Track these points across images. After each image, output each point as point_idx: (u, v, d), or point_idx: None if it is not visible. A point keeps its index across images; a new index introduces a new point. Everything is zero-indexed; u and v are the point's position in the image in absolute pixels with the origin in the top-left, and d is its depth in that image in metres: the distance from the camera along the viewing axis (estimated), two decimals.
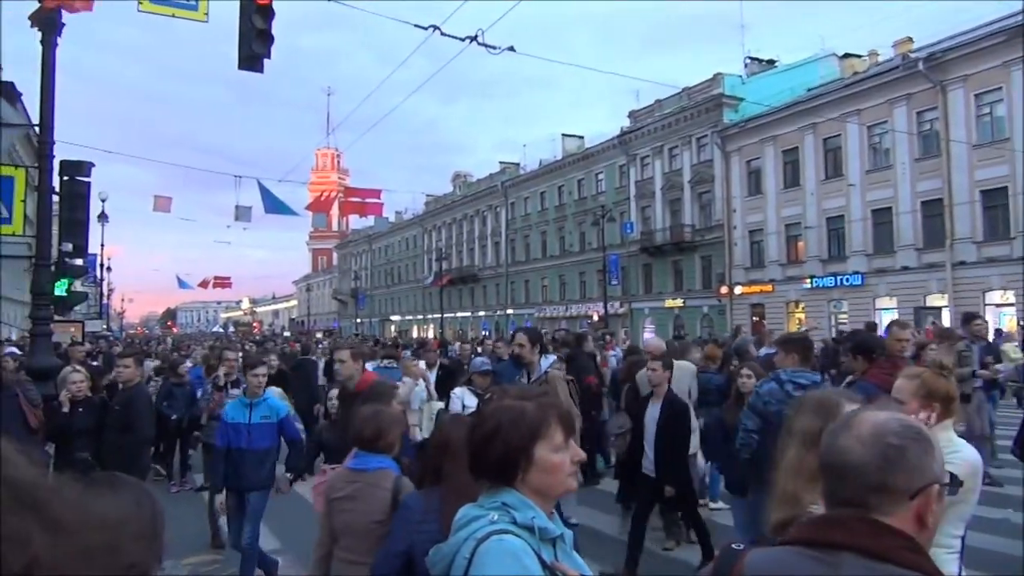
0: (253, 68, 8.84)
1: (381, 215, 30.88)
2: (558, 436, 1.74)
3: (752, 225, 37.52)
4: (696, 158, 41.07)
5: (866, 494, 1.33)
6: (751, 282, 37.46)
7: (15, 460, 0.69)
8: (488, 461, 1.72)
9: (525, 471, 1.70)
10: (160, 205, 23.44)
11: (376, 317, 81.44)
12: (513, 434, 1.71)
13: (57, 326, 15.04)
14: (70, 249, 9.01)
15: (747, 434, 5.02)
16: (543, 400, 1.79)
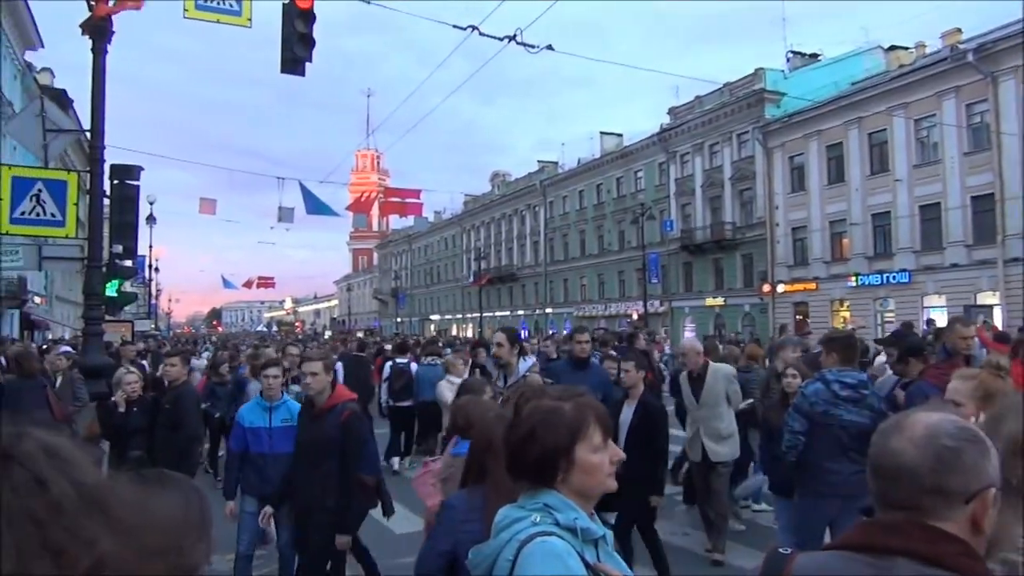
0: (295, 71, 8.98)
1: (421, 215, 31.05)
2: (597, 436, 1.73)
3: (795, 222, 36.93)
4: (737, 154, 40.55)
5: (920, 497, 1.29)
6: (794, 280, 36.88)
7: (80, 462, 0.70)
8: (526, 462, 1.72)
9: (566, 472, 1.70)
10: (205, 207, 23.96)
11: (416, 316, 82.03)
12: (552, 435, 1.71)
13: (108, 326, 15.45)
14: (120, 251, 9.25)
15: (794, 435, 4.94)
16: (581, 400, 1.79)
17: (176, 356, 6.52)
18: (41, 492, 0.64)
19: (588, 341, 7.25)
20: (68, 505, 0.65)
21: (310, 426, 4.79)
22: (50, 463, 0.67)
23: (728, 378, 6.82)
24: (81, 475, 0.68)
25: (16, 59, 32.73)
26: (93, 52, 7.94)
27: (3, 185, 8.12)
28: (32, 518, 0.63)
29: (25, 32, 32.71)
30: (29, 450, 0.66)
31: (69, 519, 0.64)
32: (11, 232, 8.43)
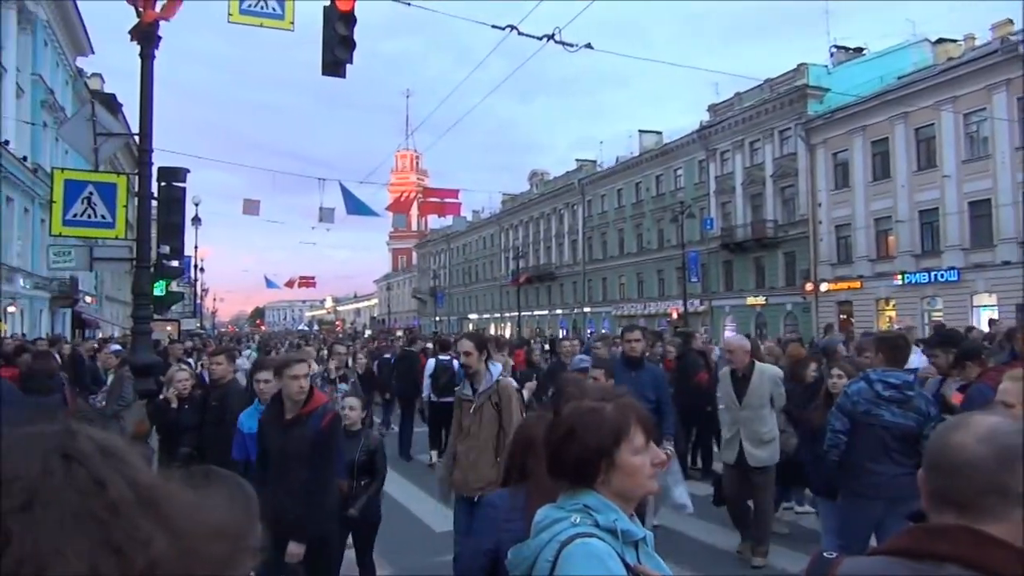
0: (336, 74, 9.09)
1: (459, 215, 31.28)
2: (639, 438, 1.72)
3: (839, 219, 36.28)
4: (779, 151, 40.00)
5: (980, 495, 1.25)
6: (838, 279, 36.24)
7: (134, 461, 0.71)
8: (566, 463, 1.72)
9: (606, 474, 1.70)
10: (249, 208, 24.37)
11: (455, 315, 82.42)
12: (592, 436, 1.70)
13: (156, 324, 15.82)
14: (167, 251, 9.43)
15: (835, 435, 4.86)
16: (622, 401, 1.78)
17: (221, 354, 6.65)
18: (100, 492, 0.65)
19: (640, 340, 6.99)
20: (125, 505, 0.66)
21: (280, 433, 4.45)
22: (106, 462, 0.68)
23: (775, 380, 6.61)
24: (135, 474, 0.69)
25: (68, 66, 33.71)
26: (141, 57, 8.13)
27: (57, 188, 8.38)
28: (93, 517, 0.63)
29: (76, 39, 33.67)
30: (86, 449, 0.67)
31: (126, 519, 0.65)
32: (64, 233, 8.67)
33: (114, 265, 10.54)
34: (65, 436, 0.69)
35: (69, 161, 27.41)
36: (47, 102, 28.97)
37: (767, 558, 6.48)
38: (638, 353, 6.90)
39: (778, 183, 40.08)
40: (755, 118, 41.14)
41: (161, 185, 8.91)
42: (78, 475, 0.65)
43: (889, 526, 4.43)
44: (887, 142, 33.74)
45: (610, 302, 55.38)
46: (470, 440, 5.04)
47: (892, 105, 32.92)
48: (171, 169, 9.15)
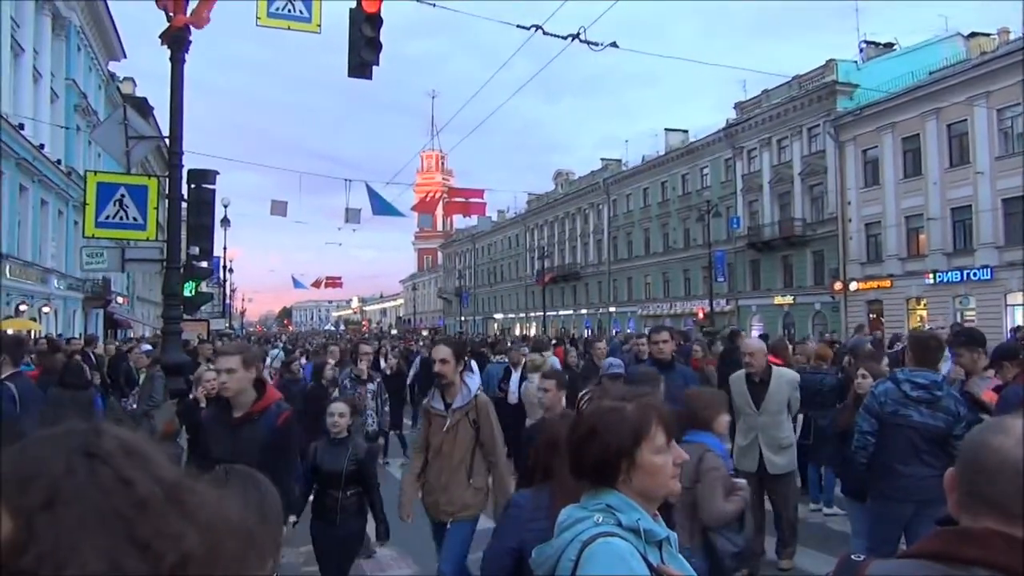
0: (363, 75, 9.15)
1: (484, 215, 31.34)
2: (660, 437, 1.72)
3: (869, 217, 35.80)
4: (807, 149, 39.58)
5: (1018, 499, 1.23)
6: (867, 278, 35.75)
7: (158, 459, 0.73)
8: (587, 463, 1.73)
9: (628, 473, 1.70)
10: (276, 209, 24.58)
11: (479, 315, 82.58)
12: (614, 436, 1.71)
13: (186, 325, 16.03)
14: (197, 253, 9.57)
15: (863, 436, 4.80)
16: (644, 401, 1.78)
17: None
18: (127, 490, 0.66)
19: (668, 341, 6.74)
20: (154, 502, 0.67)
21: (227, 435, 3.92)
22: (130, 461, 0.69)
23: (792, 384, 6.46)
24: (161, 472, 0.71)
25: (101, 70, 34.32)
26: (171, 62, 8.25)
27: (90, 191, 8.53)
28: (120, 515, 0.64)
29: (109, 43, 34.28)
30: (110, 449, 0.68)
31: (155, 516, 0.66)
32: (96, 235, 8.83)
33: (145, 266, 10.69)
34: (90, 435, 0.69)
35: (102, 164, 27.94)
36: (80, 106, 29.52)
37: (794, 560, 6.41)
38: (667, 355, 6.65)
39: (806, 181, 39.66)
40: (783, 115, 40.74)
41: (191, 187, 9.04)
42: (102, 474, 0.66)
43: (918, 529, 4.36)
44: (918, 138, 33.21)
45: (635, 302, 55.16)
46: (441, 460, 4.59)
47: (923, 101, 32.40)
48: (201, 171, 9.28)
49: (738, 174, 44.58)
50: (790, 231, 39.86)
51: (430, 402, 4.62)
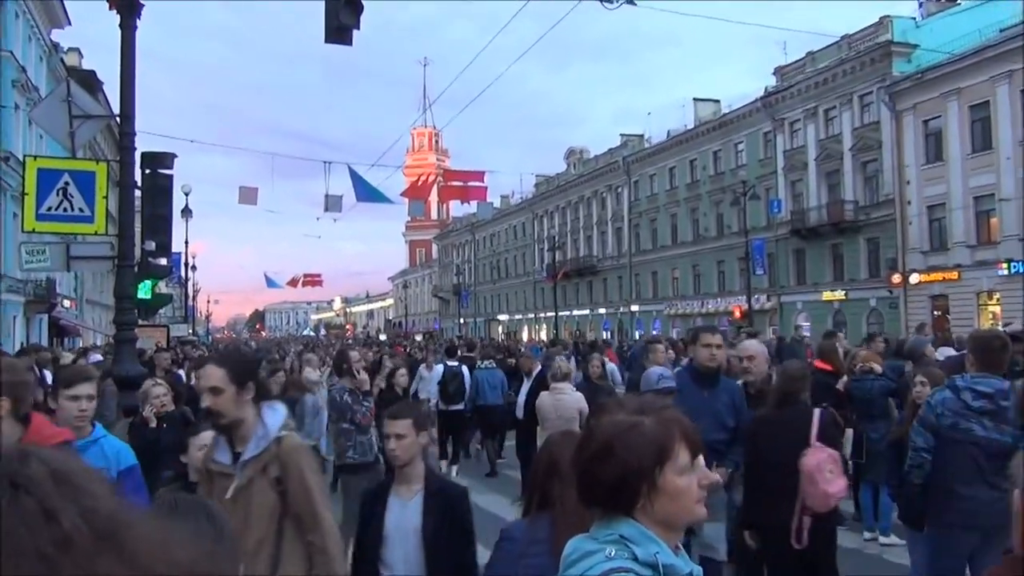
0: (342, 41, 9.15)
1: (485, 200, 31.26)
2: (684, 456, 1.71)
3: (931, 199, 35.69)
4: (859, 120, 39.47)
5: None
6: (931, 268, 35.65)
7: (92, 488, 0.72)
8: (601, 487, 1.71)
9: (648, 498, 1.69)
10: (245, 197, 24.64)
11: (481, 316, 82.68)
12: (632, 455, 1.69)
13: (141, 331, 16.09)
14: (153, 248, 9.61)
15: (917, 454, 4.78)
16: (665, 414, 1.77)
17: (201, 367, 6.77)
18: (49, 524, 0.65)
19: (722, 345, 6.07)
20: (79, 539, 0.66)
21: None
22: (59, 491, 0.68)
23: None
24: (94, 503, 0.69)
25: (42, 39, 34.41)
26: (122, 28, 8.27)
27: (29, 178, 8.57)
28: (40, 554, 0.63)
29: (51, 9, 34.36)
30: (35, 475, 0.67)
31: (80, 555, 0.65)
32: (38, 230, 8.86)
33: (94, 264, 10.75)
34: (14, 460, 0.68)
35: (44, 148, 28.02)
36: (19, 81, 29.61)
37: None
38: (718, 364, 5.91)
39: (858, 157, 39.55)
40: (830, 81, 40.62)
41: (145, 173, 9.07)
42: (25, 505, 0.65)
43: (984, 560, 4.36)
44: (988, 106, 33.08)
45: (661, 299, 55.12)
46: None
47: (993, 63, 32.27)
48: (157, 154, 9.31)
49: (779, 150, 44.48)
50: (840, 216, 39.76)
51: (211, 456, 3.48)
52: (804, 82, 42.26)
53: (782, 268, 44.21)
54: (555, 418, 8.28)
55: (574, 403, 8.40)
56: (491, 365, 13.39)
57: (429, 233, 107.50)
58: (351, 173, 22.15)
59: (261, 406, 3.37)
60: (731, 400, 5.76)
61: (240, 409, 3.32)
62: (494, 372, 13.14)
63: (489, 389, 12.55)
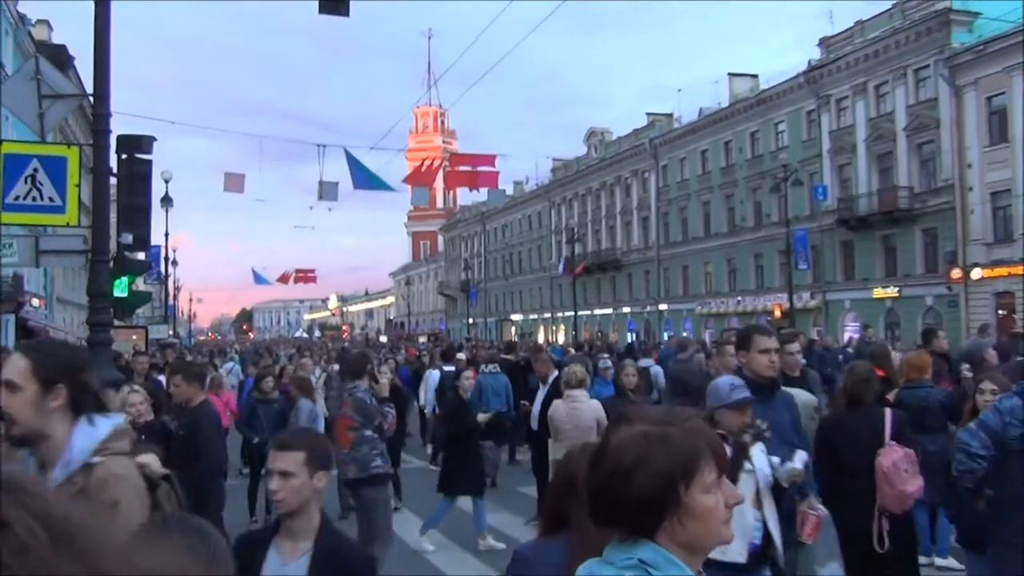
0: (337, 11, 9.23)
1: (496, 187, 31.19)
2: (711, 472, 1.71)
3: (996, 185, 35.48)
4: (914, 97, 39.28)
5: None
6: (995, 263, 35.42)
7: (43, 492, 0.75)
8: (622, 506, 1.70)
9: (674, 519, 1.69)
10: (232, 184, 24.73)
11: (492, 316, 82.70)
12: (659, 470, 1.68)
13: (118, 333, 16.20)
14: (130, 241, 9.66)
15: (971, 459, 4.76)
16: (691, 424, 1.77)
17: (178, 374, 6.81)
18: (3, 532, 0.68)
19: (778, 350, 5.57)
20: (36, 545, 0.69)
21: None
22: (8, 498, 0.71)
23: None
24: (45, 507, 0.73)
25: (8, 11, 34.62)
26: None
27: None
28: None
29: None
30: None
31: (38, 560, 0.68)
32: (4, 221, 8.92)
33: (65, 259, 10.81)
34: None
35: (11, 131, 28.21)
36: None
37: None
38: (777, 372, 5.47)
39: (913, 138, 39.36)
40: (882, 53, 40.44)
41: (122, 158, 9.11)
42: None
43: None
44: None
45: (693, 297, 55.02)
46: None
47: None
48: (134, 137, 9.35)
49: (824, 131, 44.32)
50: (892, 204, 39.58)
51: None
52: (852, 54, 42.05)
53: (828, 262, 44.04)
54: (570, 428, 8.29)
55: (591, 412, 8.41)
56: (495, 369, 13.71)
57: (434, 224, 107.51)
58: (348, 157, 22.19)
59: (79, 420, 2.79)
60: (791, 414, 5.43)
61: (42, 418, 2.76)
62: (498, 377, 13.44)
63: (493, 395, 12.72)
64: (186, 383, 6.66)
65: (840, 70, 43.01)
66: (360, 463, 7.63)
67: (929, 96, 38.56)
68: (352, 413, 7.75)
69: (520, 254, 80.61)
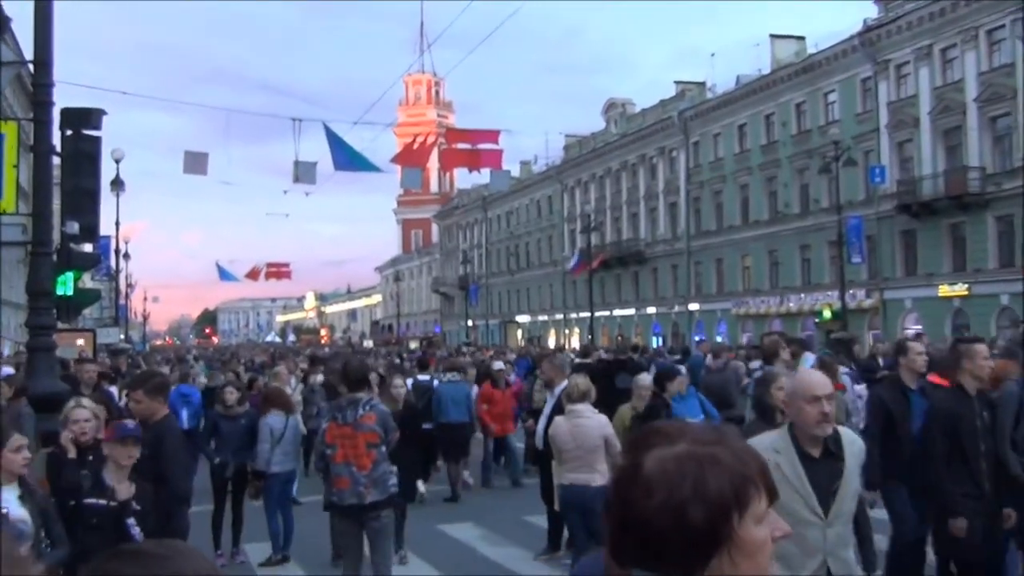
0: None
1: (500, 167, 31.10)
2: (762, 501, 1.71)
3: None
4: (987, 63, 39.19)
5: None
6: None
7: None
8: (669, 543, 1.65)
9: (724, 556, 1.63)
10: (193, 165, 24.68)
11: (495, 318, 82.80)
12: (714, 500, 1.63)
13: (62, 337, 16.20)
14: (76, 231, 9.67)
15: None
16: (737, 446, 1.75)
17: (139, 388, 6.82)
18: None
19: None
20: None
21: None
22: None
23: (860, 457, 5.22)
24: None
25: None
26: None
27: None
28: None
29: None
30: None
31: None
32: None
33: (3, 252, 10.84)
34: None
35: None
36: None
37: None
38: None
39: (986, 111, 39.30)
40: (949, 12, 40.35)
41: (66, 134, 9.12)
42: None
43: None
44: None
45: (729, 295, 55.01)
46: None
47: None
48: (80, 111, 9.36)
49: (882, 102, 44.26)
50: (962, 187, 39.51)
51: None
52: (915, 13, 41.95)
53: (886, 255, 44.04)
54: (573, 448, 8.34)
55: (597, 428, 8.45)
56: (455, 378, 14.89)
57: (428, 211, 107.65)
58: (328, 134, 22.17)
59: None
60: None
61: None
62: (458, 386, 14.58)
63: (452, 405, 13.74)
64: (149, 398, 6.66)
65: (900, 31, 42.90)
66: (381, 484, 7.62)
67: (1005, 62, 38.43)
68: (376, 427, 7.70)
69: (527, 245, 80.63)
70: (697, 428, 1.82)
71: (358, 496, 7.49)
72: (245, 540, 10.97)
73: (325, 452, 7.64)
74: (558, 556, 10.18)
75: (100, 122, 9.36)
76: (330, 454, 7.56)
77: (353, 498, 7.50)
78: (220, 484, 10.83)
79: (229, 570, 10.18)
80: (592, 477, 8.16)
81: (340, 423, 7.62)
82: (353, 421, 7.60)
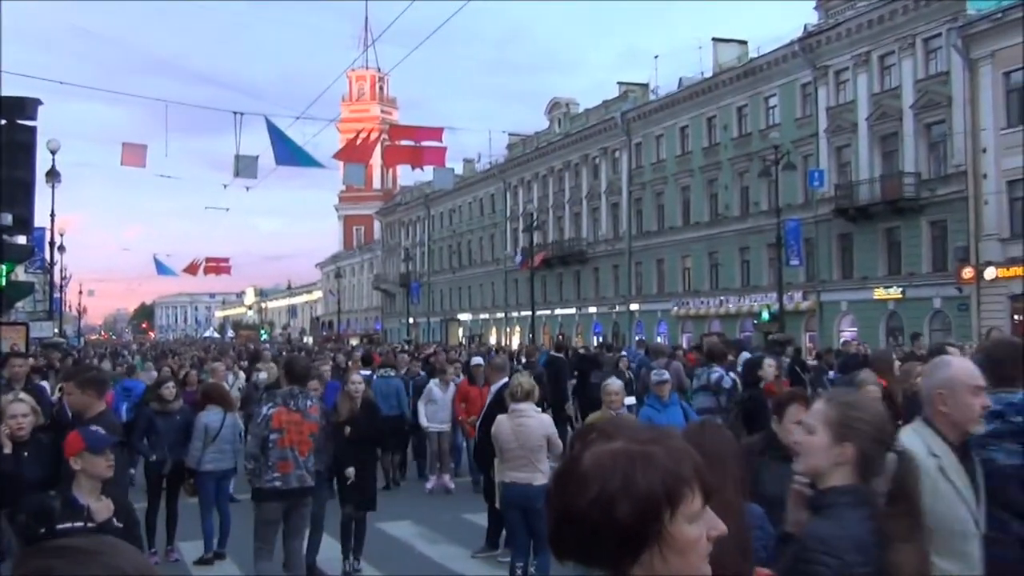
0: None
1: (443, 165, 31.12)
2: (696, 499, 1.70)
3: (1013, 172, 35.95)
4: (923, 71, 39.74)
5: None
6: (1011, 261, 35.91)
7: None
8: (600, 537, 1.67)
9: (654, 552, 1.65)
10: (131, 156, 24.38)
11: (436, 316, 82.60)
12: (643, 496, 1.64)
13: None
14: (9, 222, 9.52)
15: None
16: (673, 444, 1.76)
17: (71, 380, 6.71)
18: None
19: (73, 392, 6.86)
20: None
21: None
22: None
23: None
24: None
25: None
26: None
27: None
28: None
29: None
30: None
31: None
32: None
33: None
34: None
35: None
36: None
37: None
38: None
39: (922, 117, 39.81)
40: (887, 20, 40.82)
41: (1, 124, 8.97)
42: None
43: None
44: None
45: (669, 295, 55.36)
46: None
47: None
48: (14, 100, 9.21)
49: (821, 107, 44.71)
50: (898, 192, 39.97)
51: None
52: (854, 20, 42.38)
53: (823, 258, 44.49)
54: (516, 447, 8.40)
55: (540, 428, 8.54)
56: (388, 373, 15.61)
57: (370, 207, 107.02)
58: (270, 128, 22.02)
59: None
60: None
61: None
62: (389, 381, 15.23)
63: (382, 400, 13.94)
64: (79, 390, 6.55)
65: (840, 38, 43.33)
66: (312, 473, 8.17)
67: (940, 70, 38.97)
68: (320, 419, 8.30)
69: (470, 243, 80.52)
70: (636, 427, 1.82)
71: (300, 479, 7.93)
72: (181, 538, 10.87)
73: (268, 436, 7.88)
74: (496, 554, 10.22)
75: (35, 112, 9.23)
76: (275, 439, 7.86)
77: (296, 481, 7.91)
78: (155, 481, 10.73)
79: (163, 568, 10.05)
80: (534, 476, 8.23)
81: (291, 409, 8.00)
82: (303, 409, 8.06)
